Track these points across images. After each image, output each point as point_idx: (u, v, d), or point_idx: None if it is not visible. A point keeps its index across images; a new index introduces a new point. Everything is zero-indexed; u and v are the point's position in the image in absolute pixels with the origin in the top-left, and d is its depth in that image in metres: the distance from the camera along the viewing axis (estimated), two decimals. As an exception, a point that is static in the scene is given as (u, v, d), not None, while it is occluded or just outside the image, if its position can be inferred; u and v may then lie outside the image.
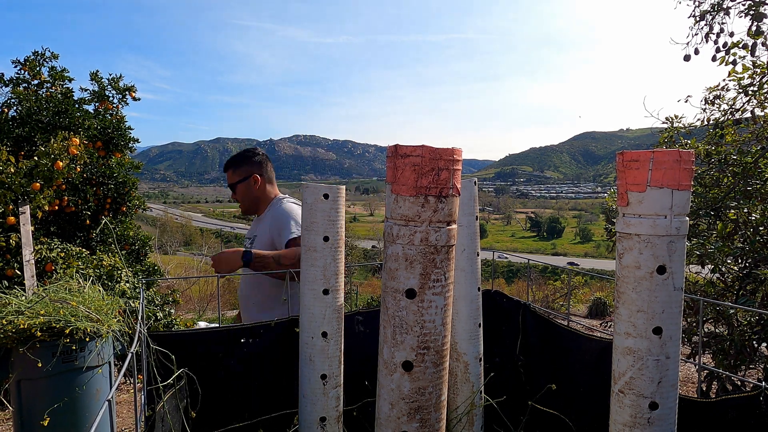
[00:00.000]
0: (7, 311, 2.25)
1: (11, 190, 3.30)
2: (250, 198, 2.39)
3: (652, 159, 0.89)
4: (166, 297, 3.99)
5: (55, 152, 3.51)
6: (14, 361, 2.27)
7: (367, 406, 1.83)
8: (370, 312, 1.89)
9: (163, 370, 1.51)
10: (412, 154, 0.81)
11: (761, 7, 3.89)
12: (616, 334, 0.98)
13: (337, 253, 1.48)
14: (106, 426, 2.26)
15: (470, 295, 1.64)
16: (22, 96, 4.27)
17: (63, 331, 2.25)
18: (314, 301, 1.48)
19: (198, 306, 9.48)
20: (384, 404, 0.88)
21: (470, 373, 1.66)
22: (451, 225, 0.84)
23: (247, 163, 2.40)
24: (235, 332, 1.69)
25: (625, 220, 0.94)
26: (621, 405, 0.97)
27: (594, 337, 1.63)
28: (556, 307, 9.47)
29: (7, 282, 3.38)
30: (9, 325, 2.18)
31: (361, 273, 22.57)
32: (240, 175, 2.39)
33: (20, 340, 2.21)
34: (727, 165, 3.62)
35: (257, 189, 2.38)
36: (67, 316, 2.29)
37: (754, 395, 1.22)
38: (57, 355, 2.27)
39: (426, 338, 0.84)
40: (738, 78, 3.86)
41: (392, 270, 0.85)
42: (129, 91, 4.94)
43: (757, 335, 2.73)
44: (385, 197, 0.88)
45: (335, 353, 1.51)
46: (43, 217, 3.85)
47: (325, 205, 1.45)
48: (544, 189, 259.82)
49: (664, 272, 0.91)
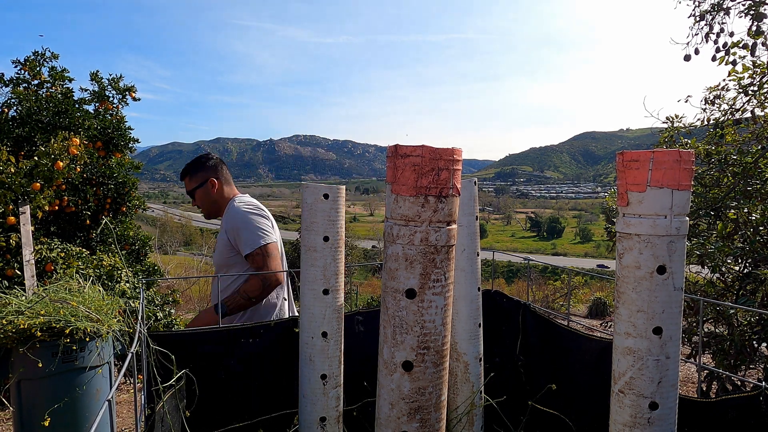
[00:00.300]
0: (7, 311, 2.25)
1: (11, 190, 3.30)
2: (209, 202, 2.44)
3: (652, 159, 0.89)
4: (166, 297, 3.99)
5: (55, 152, 3.51)
6: (14, 361, 2.27)
7: (367, 406, 1.83)
8: (370, 312, 1.89)
9: (163, 370, 1.51)
10: (412, 154, 0.81)
11: (761, 7, 3.89)
12: (616, 334, 0.98)
13: (337, 253, 1.48)
14: (106, 426, 2.26)
15: (470, 295, 1.64)
16: (22, 96, 4.28)
17: (63, 331, 2.25)
18: (314, 301, 1.48)
19: (198, 306, 9.49)
20: (384, 404, 0.88)
21: (470, 373, 1.66)
22: (451, 225, 0.84)
23: (202, 169, 2.45)
24: (235, 332, 1.69)
25: (625, 220, 0.94)
26: (621, 405, 0.97)
27: (594, 337, 1.63)
28: (556, 307, 9.47)
29: (7, 282, 3.38)
30: (9, 325, 2.18)
31: (361, 273, 22.58)
32: (197, 182, 2.44)
33: (20, 340, 2.21)
34: (727, 165, 3.61)
35: (215, 192, 2.44)
36: (67, 316, 2.29)
37: (754, 395, 1.22)
38: (57, 355, 2.27)
39: (426, 338, 0.84)
40: (738, 78, 3.86)
41: (392, 270, 0.85)
42: (129, 92, 4.94)
43: (757, 335, 2.73)
44: (385, 197, 0.88)
45: (335, 353, 1.51)
46: (43, 217, 3.85)
47: (325, 205, 1.45)
48: (544, 189, 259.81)
49: (664, 272, 0.91)
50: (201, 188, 2.43)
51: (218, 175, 2.46)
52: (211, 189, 2.42)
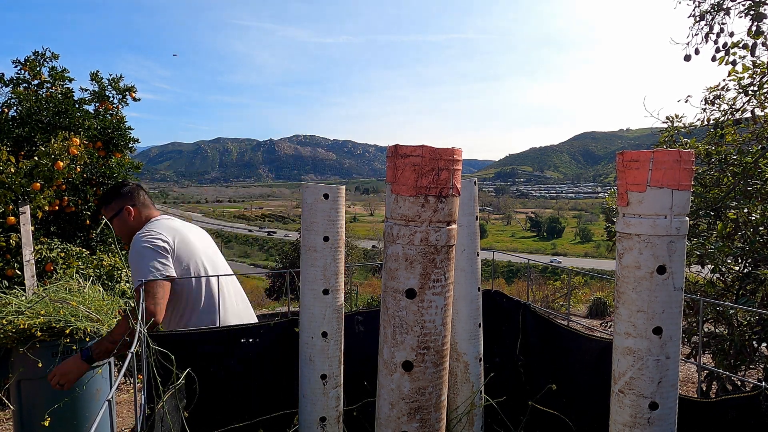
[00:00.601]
0: (8, 311, 2.25)
1: (11, 190, 3.30)
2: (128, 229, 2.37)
3: (652, 159, 0.89)
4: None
5: (55, 152, 3.51)
6: (14, 361, 2.27)
7: (367, 406, 1.83)
8: (370, 312, 1.89)
9: (163, 370, 1.51)
10: (412, 154, 0.81)
11: (761, 7, 3.89)
12: (616, 334, 0.98)
13: (337, 253, 1.48)
14: (106, 426, 2.26)
15: (470, 295, 1.64)
16: (22, 96, 4.28)
17: (63, 331, 2.25)
18: (314, 301, 1.48)
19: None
20: (384, 404, 0.88)
21: (470, 373, 1.66)
22: (451, 225, 0.84)
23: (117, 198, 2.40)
24: (235, 332, 1.69)
25: (625, 220, 0.94)
26: (621, 405, 0.97)
27: (594, 337, 1.63)
28: (556, 307, 9.47)
29: (8, 282, 3.38)
30: (9, 325, 2.18)
31: (361, 273, 22.58)
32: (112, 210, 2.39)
33: (20, 340, 2.21)
34: (727, 165, 3.62)
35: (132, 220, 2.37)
36: (67, 316, 2.29)
37: (754, 395, 1.22)
38: (57, 355, 2.27)
39: (426, 338, 0.84)
40: (738, 78, 3.86)
41: (392, 270, 0.85)
42: (129, 92, 4.94)
43: (757, 335, 2.73)
44: (385, 197, 0.88)
45: (335, 353, 1.51)
46: (43, 217, 3.85)
47: (325, 205, 1.45)
48: (544, 189, 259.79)
49: (664, 272, 0.91)
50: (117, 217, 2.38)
51: (134, 201, 2.40)
52: (128, 217, 2.36)
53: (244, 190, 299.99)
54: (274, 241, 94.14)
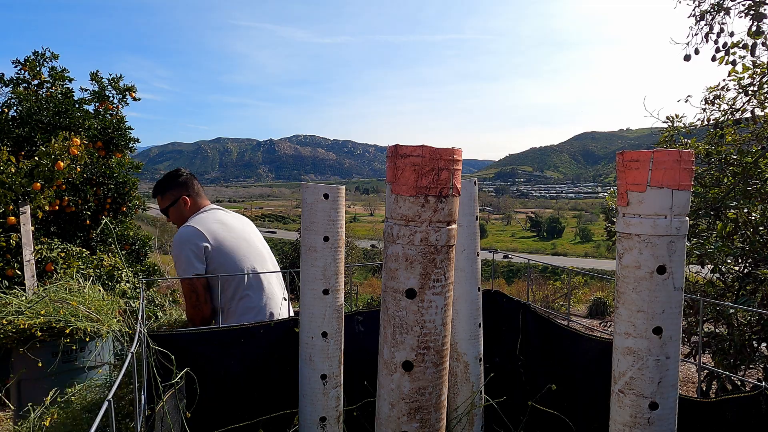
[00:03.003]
0: (8, 311, 2.25)
1: (12, 190, 3.30)
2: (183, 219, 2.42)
3: (652, 159, 0.89)
4: (167, 297, 3.99)
5: (56, 152, 3.51)
6: (14, 361, 2.27)
7: (367, 406, 1.83)
8: (370, 312, 1.89)
9: (163, 370, 1.51)
10: (412, 154, 0.81)
11: (761, 7, 3.89)
12: (616, 334, 0.98)
13: (337, 253, 1.48)
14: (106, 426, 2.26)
15: (470, 295, 1.64)
16: (22, 96, 4.28)
17: (63, 331, 2.25)
18: (314, 301, 1.48)
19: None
20: (384, 404, 0.88)
21: (470, 373, 1.66)
22: (451, 225, 0.84)
23: (174, 187, 2.44)
24: (235, 332, 1.69)
25: (625, 220, 0.94)
26: (621, 405, 0.97)
27: (594, 337, 1.63)
28: (556, 307, 9.46)
29: (8, 282, 3.38)
30: (9, 325, 2.18)
31: (361, 273, 22.57)
32: (169, 200, 2.44)
33: (20, 340, 2.21)
34: (727, 165, 3.62)
35: (188, 209, 2.43)
36: (67, 316, 2.29)
37: (754, 395, 1.22)
38: (57, 355, 2.27)
39: (426, 338, 0.84)
40: (738, 78, 3.86)
41: (392, 270, 0.85)
42: (129, 91, 4.94)
43: (757, 335, 2.73)
44: (385, 197, 0.88)
45: (335, 353, 1.51)
46: (43, 217, 3.85)
47: (325, 205, 1.45)
48: (544, 189, 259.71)
49: (664, 272, 0.91)
50: (173, 206, 2.42)
51: (189, 192, 2.45)
52: (184, 207, 2.41)
53: (244, 190, 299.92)
54: (275, 241, 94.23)
